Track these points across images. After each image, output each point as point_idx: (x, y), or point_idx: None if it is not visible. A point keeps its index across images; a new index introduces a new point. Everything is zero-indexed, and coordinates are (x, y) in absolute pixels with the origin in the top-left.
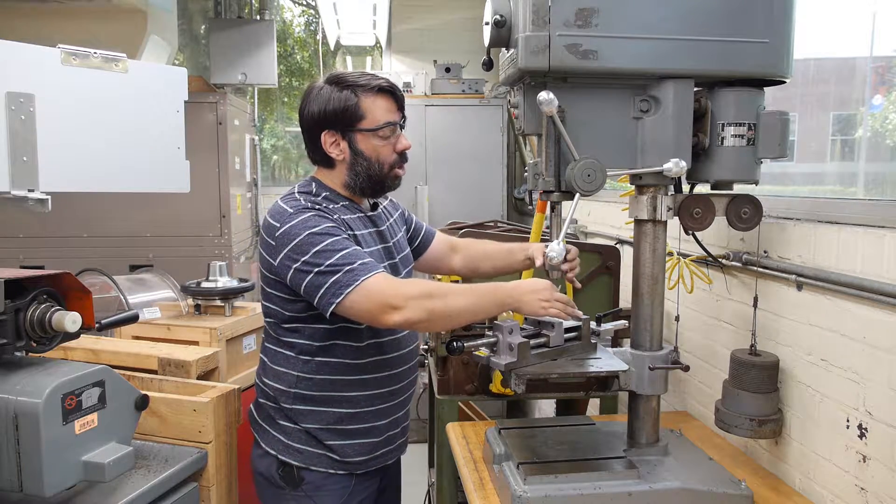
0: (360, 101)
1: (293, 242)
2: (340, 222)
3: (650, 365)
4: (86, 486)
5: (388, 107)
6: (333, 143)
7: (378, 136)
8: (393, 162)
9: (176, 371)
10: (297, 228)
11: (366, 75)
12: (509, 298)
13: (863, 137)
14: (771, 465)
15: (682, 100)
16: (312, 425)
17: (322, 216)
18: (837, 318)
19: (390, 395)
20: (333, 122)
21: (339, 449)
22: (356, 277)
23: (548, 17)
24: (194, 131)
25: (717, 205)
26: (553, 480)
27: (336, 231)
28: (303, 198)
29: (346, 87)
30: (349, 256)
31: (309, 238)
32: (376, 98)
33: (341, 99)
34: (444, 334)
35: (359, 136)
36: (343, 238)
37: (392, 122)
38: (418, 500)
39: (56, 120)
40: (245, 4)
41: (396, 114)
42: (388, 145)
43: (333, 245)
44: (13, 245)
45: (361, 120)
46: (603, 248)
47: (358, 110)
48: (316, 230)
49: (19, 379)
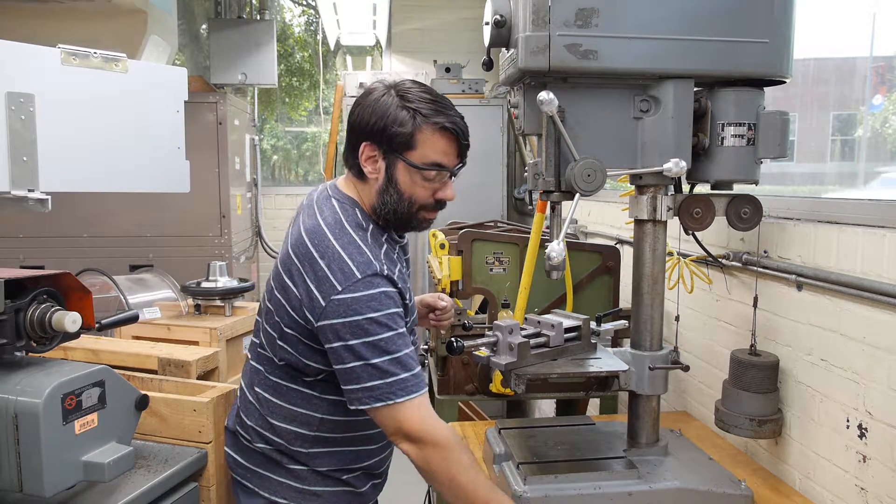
0: (417, 130)
1: (348, 319)
2: (403, 285)
3: (650, 365)
4: (86, 486)
5: (446, 149)
6: (371, 159)
7: (420, 175)
8: (426, 205)
9: (176, 371)
10: (360, 306)
11: (438, 102)
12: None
13: (863, 137)
14: (771, 465)
15: (682, 100)
16: (327, 467)
17: (389, 293)
18: (837, 318)
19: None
20: (379, 137)
21: (355, 482)
22: (396, 395)
23: (548, 17)
24: (194, 131)
25: (717, 205)
26: (553, 480)
27: (396, 320)
28: (361, 240)
29: (409, 108)
30: (401, 362)
31: (368, 325)
32: (437, 134)
33: (398, 119)
34: (443, 334)
35: (400, 165)
36: (399, 333)
37: (442, 167)
38: (418, 500)
39: (56, 120)
40: (245, 4)
41: (453, 159)
42: (427, 188)
43: (389, 343)
44: (13, 245)
45: (410, 150)
46: (603, 248)
47: (411, 139)
48: (378, 317)
49: (19, 379)
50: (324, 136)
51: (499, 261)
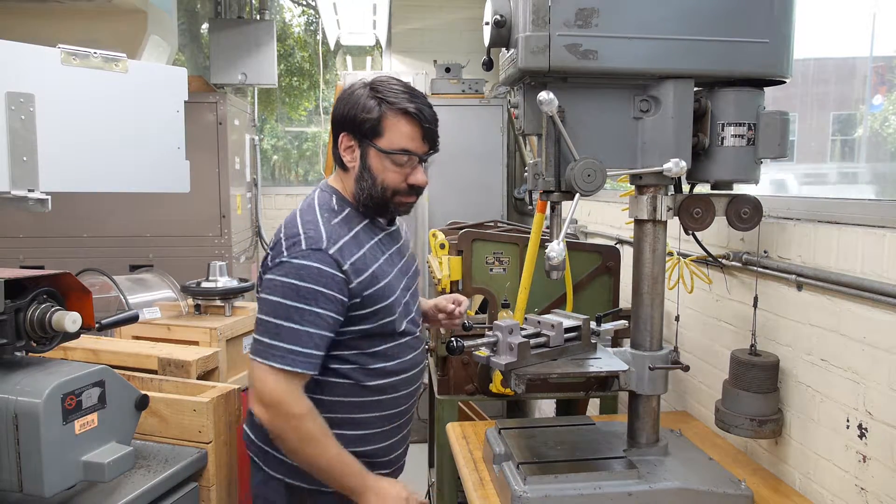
0: (383, 117)
1: (277, 277)
2: (354, 269)
3: (650, 365)
4: (86, 486)
5: (411, 134)
6: (349, 149)
7: (390, 160)
8: (399, 190)
9: (176, 371)
10: (291, 269)
11: (404, 91)
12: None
13: (863, 137)
14: (771, 465)
15: (682, 100)
16: None
17: (324, 271)
18: (837, 318)
19: (397, 416)
20: (352, 127)
21: None
22: (269, 358)
23: (548, 17)
24: (194, 131)
25: (717, 205)
26: (553, 480)
27: (317, 298)
28: (323, 220)
29: (377, 97)
30: (292, 333)
31: (286, 288)
32: (401, 119)
33: (367, 108)
34: (444, 334)
35: (372, 152)
36: (309, 310)
37: (409, 152)
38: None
39: (56, 120)
40: (245, 4)
41: (420, 144)
42: (399, 173)
43: (293, 312)
44: (13, 245)
45: (379, 137)
46: (603, 248)
47: (379, 125)
48: (299, 285)
49: (19, 379)
50: (324, 136)
51: (499, 261)
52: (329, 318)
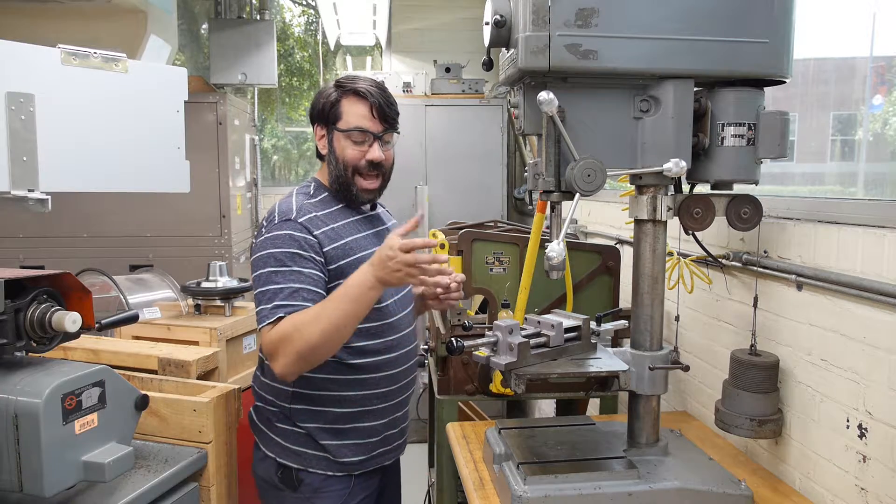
0: (340, 101)
1: (259, 252)
2: (326, 236)
3: (650, 365)
4: (86, 486)
5: (364, 112)
6: (322, 139)
7: (349, 139)
8: (358, 167)
9: (176, 371)
10: (267, 242)
11: (359, 79)
12: (364, 286)
13: (863, 137)
14: (771, 465)
15: (682, 100)
16: (310, 424)
17: (295, 236)
18: (837, 318)
19: (387, 396)
20: (319, 116)
21: (335, 450)
22: (263, 319)
23: (548, 17)
24: (194, 131)
25: (717, 205)
26: (553, 480)
27: (294, 258)
28: (297, 200)
29: (338, 86)
30: (268, 294)
31: (266, 258)
32: (353, 101)
33: (328, 95)
34: (443, 334)
35: (335, 135)
36: (285, 271)
37: (362, 129)
38: (418, 500)
39: (56, 120)
40: (245, 4)
41: (372, 122)
42: (356, 151)
43: (273, 275)
44: (13, 245)
45: (339, 120)
46: (603, 248)
47: (337, 109)
48: (275, 252)
49: (19, 379)
50: None
51: (499, 261)
52: (312, 274)
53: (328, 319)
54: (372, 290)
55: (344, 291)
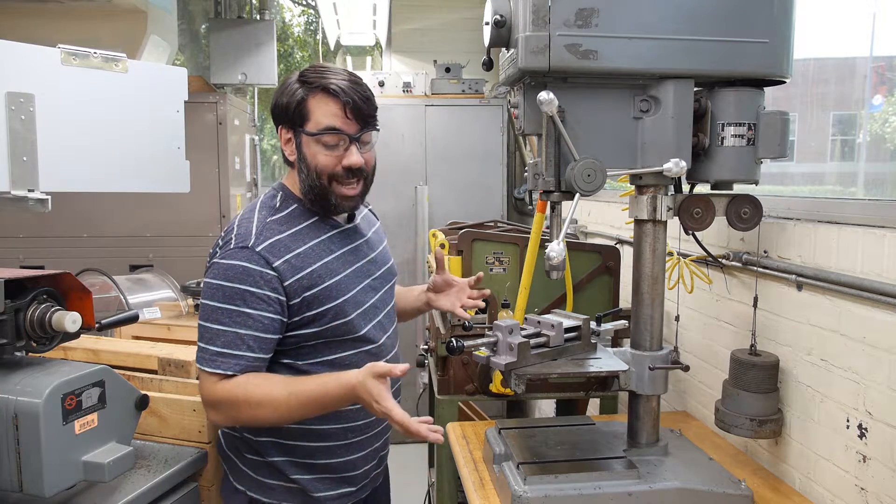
0: (307, 99)
1: (208, 279)
2: (289, 265)
3: (650, 365)
4: (86, 486)
5: (335, 111)
6: (288, 143)
7: (320, 143)
8: (334, 175)
9: (176, 371)
10: (219, 270)
11: (329, 71)
12: (340, 402)
13: (863, 137)
14: (771, 465)
15: (682, 100)
16: (280, 458)
17: (250, 269)
18: (837, 318)
19: (365, 428)
20: (284, 116)
21: (308, 484)
22: (204, 362)
23: (548, 17)
24: (194, 131)
25: (717, 205)
26: (553, 480)
27: (245, 297)
28: (259, 218)
29: (303, 82)
30: (215, 334)
31: (215, 289)
32: (322, 98)
33: (292, 93)
34: (444, 334)
35: (304, 139)
36: (235, 310)
37: (334, 130)
38: (418, 500)
39: (56, 120)
40: (245, 4)
41: (346, 122)
42: (330, 156)
43: (219, 313)
44: (13, 245)
45: (307, 121)
46: (603, 248)
47: (304, 108)
48: (225, 286)
49: (19, 379)
50: None
51: (499, 261)
52: (262, 318)
53: (288, 413)
54: (348, 402)
55: (317, 400)
